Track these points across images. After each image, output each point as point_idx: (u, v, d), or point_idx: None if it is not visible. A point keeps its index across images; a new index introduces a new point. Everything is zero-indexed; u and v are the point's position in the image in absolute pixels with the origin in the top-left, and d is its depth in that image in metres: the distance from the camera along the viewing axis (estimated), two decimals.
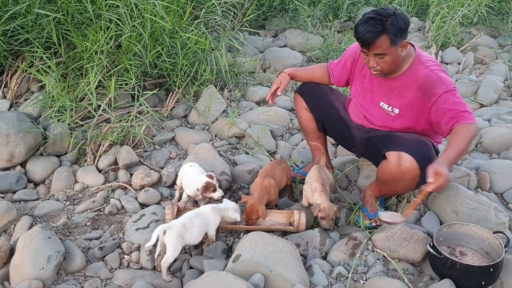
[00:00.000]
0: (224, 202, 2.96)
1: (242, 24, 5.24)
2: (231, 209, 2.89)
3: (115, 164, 3.62)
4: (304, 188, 3.13)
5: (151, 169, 3.59)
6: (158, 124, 4.12)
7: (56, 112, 3.55)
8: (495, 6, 6.80)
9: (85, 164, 3.61)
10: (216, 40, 4.66)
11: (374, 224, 3.07)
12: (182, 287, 2.68)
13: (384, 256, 2.83)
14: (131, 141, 3.78)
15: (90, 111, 3.70)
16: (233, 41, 4.67)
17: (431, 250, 2.62)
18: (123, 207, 3.29)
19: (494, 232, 2.75)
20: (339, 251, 2.88)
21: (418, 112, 2.85)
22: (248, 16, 4.91)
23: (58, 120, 3.58)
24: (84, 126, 3.68)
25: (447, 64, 5.89)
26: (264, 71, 5.42)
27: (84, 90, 3.62)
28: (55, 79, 3.68)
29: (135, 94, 3.86)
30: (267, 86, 4.93)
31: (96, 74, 3.57)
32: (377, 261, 2.82)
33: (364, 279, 2.73)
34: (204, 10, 4.50)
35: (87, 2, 3.60)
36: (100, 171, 3.58)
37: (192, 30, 4.19)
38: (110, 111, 3.63)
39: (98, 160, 3.62)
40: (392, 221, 2.73)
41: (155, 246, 2.69)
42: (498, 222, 2.94)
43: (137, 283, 2.62)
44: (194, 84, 4.32)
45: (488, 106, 4.88)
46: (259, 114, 4.30)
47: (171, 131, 4.10)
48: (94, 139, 3.61)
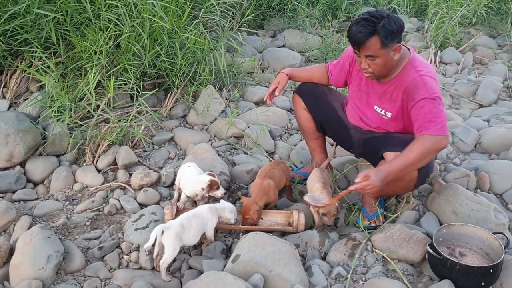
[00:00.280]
0: (221, 202, 2.96)
1: (241, 24, 5.24)
2: (227, 209, 2.90)
3: (114, 164, 3.61)
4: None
5: (150, 169, 3.59)
6: (157, 124, 4.11)
7: (55, 112, 3.55)
8: (494, 6, 6.78)
9: (84, 164, 3.61)
10: (215, 40, 4.66)
11: (373, 224, 3.08)
12: (181, 287, 2.67)
13: (383, 256, 2.83)
14: (130, 141, 3.78)
15: (89, 111, 3.70)
16: (231, 41, 4.67)
17: (431, 251, 2.62)
18: (122, 207, 3.29)
19: (494, 233, 2.75)
20: (338, 252, 2.88)
21: (407, 114, 2.84)
22: (246, 16, 4.92)
23: (57, 120, 3.58)
24: (83, 126, 3.68)
25: (446, 64, 5.87)
26: (262, 71, 5.42)
27: (83, 90, 3.62)
28: (54, 79, 3.67)
29: (134, 94, 3.85)
30: (265, 86, 4.92)
31: (95, 74, 3.57)
32: (376, 261, 2.82)
33: (363, 279, 2.73)
34: (203, 10, 4.50)
35: (86, 2, 3.59)
36: (99, 171, 3.58)
37: (191, 30, 4.19)
38: (109, 111, 3.63)
39: (97, 160, 3.61)
40: (314, 203, 2.87)
41: (154, 246, 2.69)
42: (498, 222, 2.95)
43: (136, 283, 2.62)
44: (193, 84, 4.32)
45: (487, 107, 4.88)
46: (258, 114, 4.30)
47: (170, 131, 4.10)
48: (93, 139, 3.61)
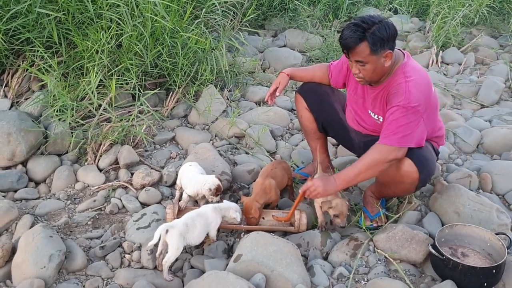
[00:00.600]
0: (225, 202, 2.96)
1: (242, 24, 5.24)
2: (232, 209, 2.89)
3: (115, 164, 3.61)
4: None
5: (152, 168, 3.59)
6: (159, 123, 4.11)
7: (57, 111, 3.55)
8: (496, 6, 6.78)
9: (86, 164, 3.61)
10: (216, 40, 4.66)
11: (375, 225, 3.07)
12: (183, 286, 2.67)
13: (385, 257, 2.83)
14: (131, 140, 3.78)
15: (91, 110, 3.71)
16: (233, 41, 4.67)
17: (433, 251, 2.62)
18: (124, 206, 3.29)
19: (496, 234, 2.75)
20: (340, 252, 2.88)
21: None
22: (248, 16, 4.91)
23: (59, 119, 3.58)
24: (85, 125, 3.69)
25: (447, 64, 5.86)
26: (264, 71, 5.42)
27: (85, 90, 3.62)
28: (56, 78, 3.67)
29: (135, 93, 3.85)
30: (266, 86, 4.92)
31: (97, 73, 3.57)
32: (378, 262, 2.82)
33: (365, 279, 2.73)
34: (204, 10, 4.50)
35: (88, 1, 3.59)
36: (101, 170, 3.57)
37: (193, 30, 4.19)
38: (111, 110, 3.63)
39: (99, 160, 3.61)
40: (277, 216, 3.05)
41: (156, 246, 2.69)
42: (500, 223, 2.94)
43: (138, 282, 2.62)
44: (194, 84, 4.32)
45: (489, 107, 4.86)
46: (259, 114, 4.29)
47: (172, 131, 4.10)
48: (95, 138, 3.61)
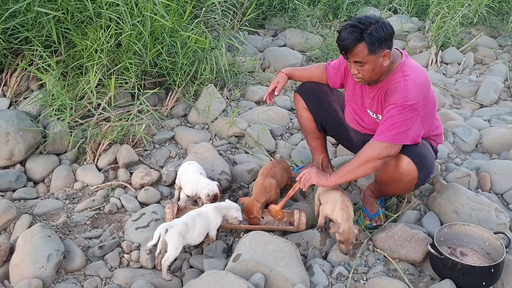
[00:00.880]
0: (226, 202, 2.95)
1: (242, 24, 5.24)
2: (234, 208, 2.89)
3: (115, 163, 3.61)
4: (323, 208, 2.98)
5: (151, 168, 3.59)
6: (158, 123, 4.11)
7: (56, 110, 3.54)
8: (495, 6, 6.79)
9: (84, 163, 3.60)
10: (216, 39, 4.66)
11: (374, 224, 3.07)
12: (182, 286, 2.67)
13: (384, 256, 2.84)
14: (131, 140, 3.77)
15: (90, 109, 3.71)
16: (233, 40, 4.67)
17: (432, 250, 2.62)
18: (123, 206, 3.29)
19: (495, 233, 2.76)
20: (339, 251, 2.87)
21: None
22: (248, 15, 4.91)
23: (58, 118, 3.57)
24: (84, 124, 3.68)
25: (447, 64, 5.86)
26: (263, 71, 5.41)
27: (84, 89, 3.62)
28: (55, 78, 3.66)
29: (135, 93, 3.85)
30: (266, 86, 4.92)
31: (96, 72, 3.56)
32: (377, 261, 2.83)
33: (364, 279, 2.73)
34: (204, 9, 4.49)
35: (87, 0, 3.58)
36: (100, 170, 3.57)
37: (192, 29, 4.19)
38: (110, 109, 3.62)
39: (98, 159, 3.60)
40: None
41: (155, 245, 2.68)
42: (499, 222, 2.95)
43: (137, 282, 2.61)
44: (194, 83, 4.31)
45: (488, 107, 4.87)
46: (258, 114, 4.29)
47: (171, 130, 4.09)
48: (94, 137, 3.60)
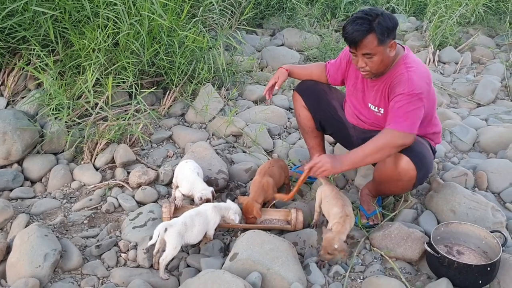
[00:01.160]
0: (227, 202, 2.96)
1: (240, 23, 5.24)
2: (232, 210, 2.89)
3: (112, 162, 3.60)
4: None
5: (148, 167, 3.58)
6: (156, 122, 4.11)
7: (53, 110, 3.54)
8: (493, 5, 6.80)
9: (82, 162, 3.60)
10: (214, 39, 4.66)
11: (371, 223, 3.07)
12: (179, 285, 2.66)
13: (381, 255, 2.84)
14: (128, 139, 3.77)
15: (87, 109, 3.70)
16: (230, 39, 4.67)
17: (429, 249, 2.62)
18: (120, 205, 3.28)
19: (492, 231, 2.76)
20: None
21: None
22: (245, 14, 4.91)
23: (55, 118, 3.57)
24: (81, 124, 3.68)
25: (444, 63, 5.88)
26: (261, 70, 5.41)
27: (81, 88, 3.61)
28: (52, 77, 3.66)
29: (132, 92, 3.85)
30: (264, 85, 4.91)
31: (93, 72, 3.56)
32: (374, 260, 2.83)
33: (361, 277, 2.73)
34: (202, 8, 4.49)
35: (84, 0, 3.58)
36: (97, 169, 3.56)
37: (190, 29, 4.19)
38: (107, 109, 3.62)
39: (95, 158, 3.60)
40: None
41: (153, 244, 2.68)
42: (496, 221, 2.96)
43: (134, 281, 2.61)
44: (192, 82, 4.31)
45: (485, 106, 4.88)
46: (256, 113, 4.29)
47: (169, 130, 4.09)
48: (91, 137, 3.60)
